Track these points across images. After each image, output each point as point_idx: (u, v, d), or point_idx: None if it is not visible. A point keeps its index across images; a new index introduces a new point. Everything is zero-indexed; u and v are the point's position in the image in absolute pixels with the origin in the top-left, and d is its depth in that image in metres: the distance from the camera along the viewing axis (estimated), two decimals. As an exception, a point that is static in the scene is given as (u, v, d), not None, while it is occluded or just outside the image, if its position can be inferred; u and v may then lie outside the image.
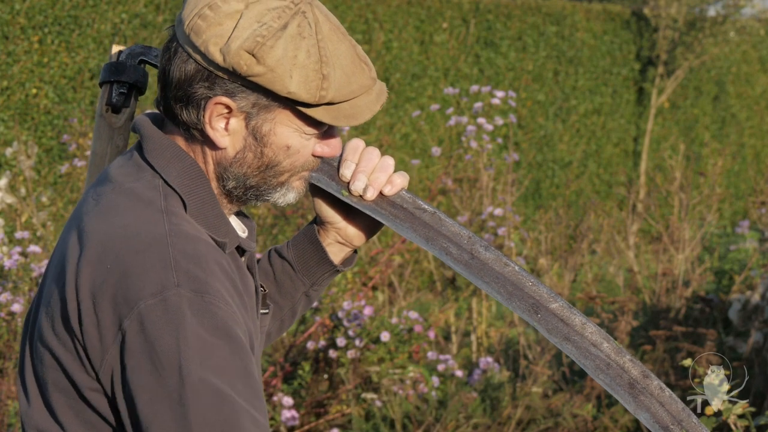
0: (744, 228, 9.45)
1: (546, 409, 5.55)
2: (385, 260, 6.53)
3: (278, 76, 1.67)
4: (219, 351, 1.60)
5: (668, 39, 12.23)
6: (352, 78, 1.72)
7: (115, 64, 2.05)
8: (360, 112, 1.74)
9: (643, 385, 1.88)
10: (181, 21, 1.71)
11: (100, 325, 1.62)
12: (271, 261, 2.05)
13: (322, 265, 2.03)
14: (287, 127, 1.73)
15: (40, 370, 1.71)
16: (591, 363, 1.89)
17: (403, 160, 10.08)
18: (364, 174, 1.93)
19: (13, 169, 7.25)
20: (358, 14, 10.01)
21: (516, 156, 7.29)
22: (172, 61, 1.72)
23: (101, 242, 1.66)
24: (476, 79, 10.78)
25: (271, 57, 1.66)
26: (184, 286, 1.61)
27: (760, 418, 4.78)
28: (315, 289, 2.05)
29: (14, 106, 7.79)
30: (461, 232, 1.95)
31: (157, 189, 1.72)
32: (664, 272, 6.80)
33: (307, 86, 1.68)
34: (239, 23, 1.67)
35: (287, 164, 1.76)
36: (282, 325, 2.06)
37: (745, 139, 13.50)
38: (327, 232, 2.02)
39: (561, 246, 7.57)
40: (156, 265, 1.62)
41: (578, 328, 1.91)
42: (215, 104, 1.70)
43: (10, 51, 7.77)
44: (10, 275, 5.23)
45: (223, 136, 1.73)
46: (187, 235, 1.67)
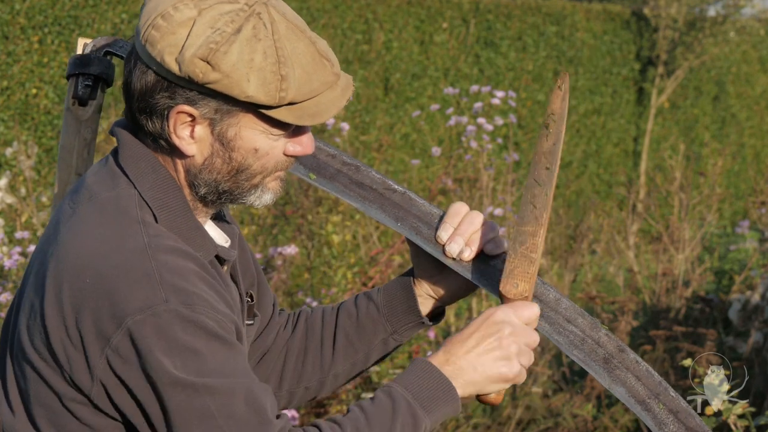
0: (744, 228, 9.45)
1: (546, 409, 5.55)
2: (385, 260, 6.54)
3: (235, 81, 1.65)
4: (216, 360, 1.61)
5: (668, 39, 12.23)
6: (313, 76, 1.69)
7: (80, 57, 2.02)
8: (325, 109, 1.71)
9: (618, 360, 1.85)
10: (138, 32, 1.70)
11: (84, 341, 1.62)
12: (357, 302, 2.03)
13: (408, 314, 2.00)
14: (253, 130, 1.71)
15: (23, 383, 1.70)
16: (565, 339, 1.87)
17: (403, 160, 10.08)
18: (461, 237, 1.90)
19: (13, 169, 7.25)
20: (358, 14, 10.01)
21: (516, 156, 7.29)
22: (132, 73, 1.71)
23: (79, 256, 1.65)
24: (476, 79, 10.78)
25: (226, 62, 1.64)
26: (172, 300, 1.61)
27: (760, 418, 4.78)
28: (395, 337, 2.02)
29: (14, 106, 7.79)
30: (432, 211, 1.94)
31: (132, 198, 1.71)
32: (664, 272, 6.80)
33: (265, 89, 1.66)
34: (192, 31, 1.65)
35: (258, 167, 1.73)
36: (353, 369, 2.04)
37: (745, 139, 13.49)
38: (420, 283, 2.00)
39: (561, 246, 7.57)
40: (140, 279, 1.62)
41: (552, 304, 1.89)
42: (178, 113, 1.69)
43: (10, 51, 7.77)
44: (10, 275, 5.23)
45: (190, 144, 1.71)
46: (166, 247, 1.66)
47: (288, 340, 2.04)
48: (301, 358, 2.03)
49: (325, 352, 2.03)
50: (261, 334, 2.02)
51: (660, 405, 1.83)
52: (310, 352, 2.03)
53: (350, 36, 9.98)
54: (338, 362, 2.03)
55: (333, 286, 5.73)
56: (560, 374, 5.97)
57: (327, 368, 2.03)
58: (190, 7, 1.67)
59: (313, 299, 5.65)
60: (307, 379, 2.04)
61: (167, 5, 1.67)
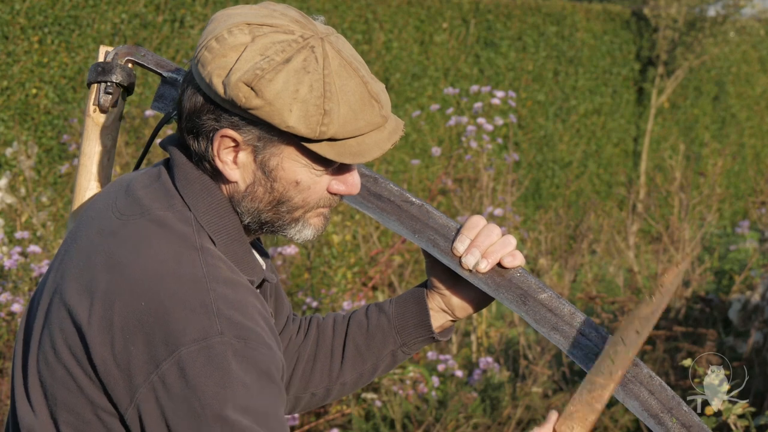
0: (744, 228, 9.45)
1: (546, 409, 5.55)
2: (385, 260, 6.54)
3: (277, 110, 1.64)
4: (263, 398, 1.60)
5: (668, 39, 12.23)
6: (360, 114, 1.67)
7: (102, 65, 2.04)
8: (368, 150, 1.69)
9: (632, 374, 1.87)
10: (195, 52, 1.71)
11: (131, 364, 1.60)
12: (368, 313, 2.03)
13: (419, 328, 2.00)
14: (295, 162, 1.70)
15: (50, 385, 1.68)
16: (580, 353, 1.89)
17: (403, 160, 10.09)
18: (478, 249, 1.90)
19: (13, 169, 7.25)
20: (358, 14, 10.01)
21: (516, 156, 7.29)
22: (185, 93, 1.72)
23: (136, 277, 1.63)
24: (476, 79, 10.78)
25: (270, 90, 1.64)
26: (227, 333, 1.59)
27: (760, 418, 4.78)
28: (404, 350, 2.02)
29: (14, 106, 7.79)
30: (449, 224, 1.95)
31: (190, 223, 1.70)
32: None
33: (307, 121, 1.65)
34: (242, 56, 1.66)
35: (299, 200, 1.72)
36: (360, 379, 2.04)
37: (745, 139, 13.49)
38: (433, 297, 2.00)
39: (561, 246, 7.56)
40: (197, 309, 1.60)
41: (567, 318, 1.90)
42: (222, 137, 1.68)
43: (10, 51, 7.77)
44: (10, 275, 5.22)
45: (233, 170, 1.71)
46: (225, 279, 1.65)
47: (300, 346, 2.04)
48: (310, 364, 2.03)
49: (334, 361, 2.03)
50: None
51: (673, 419, 1.85)
52: (319, 360, 2.03)
53: (350, 36, 9.98)
54: (346, 371, 2.03)
55: (333, 286, 5.73)
56: (560, 374, 5.97)
57: (335, 377, 2.03)
58: (245, 33, 1.67)
59: (313, 299, 5.65)
60: (314, 386, 2.04)
61: (223, 28, 1.68)
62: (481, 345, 6.41)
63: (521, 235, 7.10)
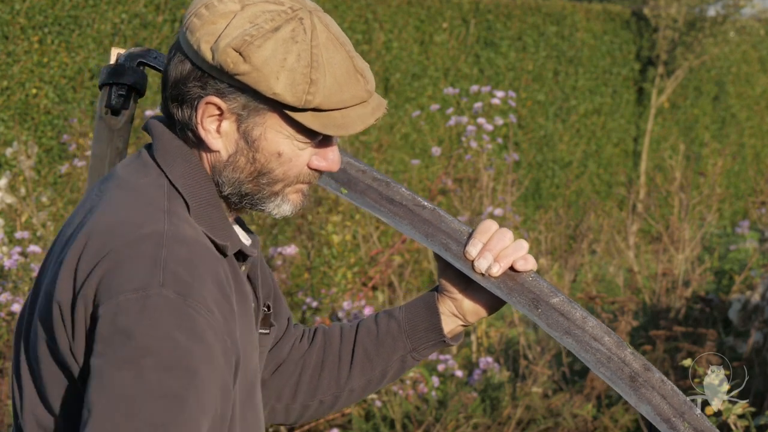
0: (744, 228, 9.45)
1: (546, 409, 5.55)
2: (385, 260, 6.54)
3: (264, 76, 1.66)
4: (191, 358, 1.57)
5: (668, 39, 12.23)
6: (345, 87, 1.69)
7: (114, 67, 2.06)
8: (351, 123, 1.71)
9: (644, 378, 1.88)
10: (183, 20, 1.73)
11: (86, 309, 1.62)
12: (378, 319, 2.03)
13: (430, 332, 2.00)
14: (278, 133, 1.71)
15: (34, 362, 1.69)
16: (592, 357, 1.90)
17: (403, 160, 10.09)
18: (490, 253, 1.91)
19: (13, 169, 7.25)
20: (358, 14, 10.01)
21: (516, 156, 7.29)
22: (171, 61, 1.73)
23: (102, 233, 1.65)
24: (476, 79, 10.78)
25: (258, 56, 1.66)
26: (168, 287, 1.59)
27: (760, 418, 4.79)
28: (413, 355, 2.02)
29: (14, 106, 7.79)
30: (461, 228, 1.96)
31: (162, 188, 1.71)
32: (664, 272, 6.81)
33: (293, 89, 1.66)
34: (231, 22, 1.68)
35: (280, 173, 1.73)
36: (368, 385, 2.04)
37: (745, 139, 13.50)
38: (444, 301, 2.00)
39: (561, 246, 7.56)
40: (146, 262, 1.61)
41: (579, 322, 1.91)
42: (206, 104, 1.70)
43: (10, 51, 7.77)
44: (10, 275, 5.23)
45: (215, 138, 1.72)
46: (184, 238, 1.65)
47: (305, 353, 2.04)
48: (318, 371, 2.03)
49: (342, 367, 2.03)
50: (277, 344, 2.02)
51: (685, 424, 1.87)
52: (327, 367, 2.03)
53: (350, 36, 9.98)
54: (355, 378, 2.03)
55: (333, 286, 5.73)
56: (560, 374, 5.97)
57: (343, 383, 2.03)
58: (235, 1, 1.70)
59: (313, 299, 5.65)
60: (322, 393, 2.04)
61: None
62: (481, 345, 6.41)
63: (521, 235, 7.10)
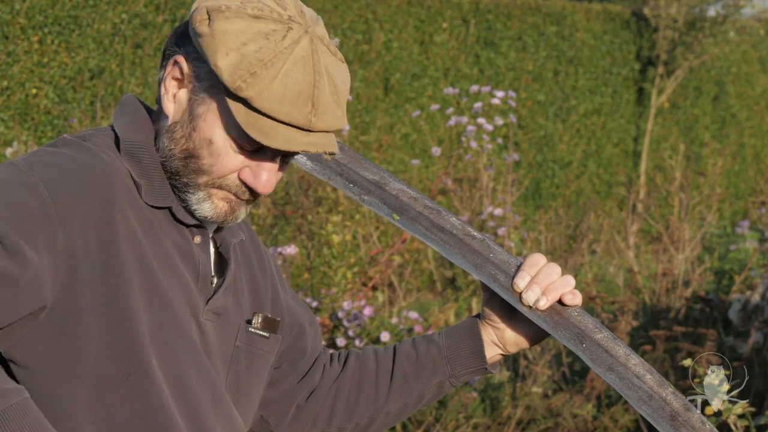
0: (744, 228, 9.45)
1: (546, 409, 5.55)
2: (385, 260, 6.54)
3: (215, 45, 1.65)
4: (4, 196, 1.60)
5: (668, 39, 12.23)
6: (286, 102, 1.65)
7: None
8: (276, 136, 1.66)
9: (684, 418, 1.92)
10: None
11: None
12: (416, 344, 2.04)
13: (471, 359, 2.01)
14: (216, 120, 1.69)
15: None
16: (634, 394, 1.93)
17: (403, 160, 10.09)
18: (538, 286, 1.92)
19: (13, 169, 7.25)
20: (358, 14, 10.01)
21: (516, 156, 7.29)
22: None
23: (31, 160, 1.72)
24: (476, 79, 10.78)
25: (221, 26, 1.66)
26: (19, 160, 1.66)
27: (760, 418, 4.78)
28: (452, 381, 2.02)
29: (14, 106, 7.80)
30: (509, 260, 1.98)
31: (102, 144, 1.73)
32: (664, 272, 6.81)
33: (233, 70, 1.64)
34: None
35: (207, 163, 1.70)
36: (404, 409, 2.04)
37: (745, 139, 13.50)
38: (486, 329, 2.01)
39: (561, 246, 7.57)
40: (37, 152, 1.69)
41: (622, 359, 1.94)
42: (174, 63, 1.71)
43: (10, 51, 7.77)
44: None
45: (170, 101, 1.72)
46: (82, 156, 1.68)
47: (338, 378, 2.05)
48: (354, 395, 2.04)
49: (380, 390, 2.04)
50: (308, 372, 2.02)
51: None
52: (364, 390, 2.04)
53: (350, 36, 9.98)
54: (392, 401, 2.03)
55: (333, 286, 5.73)
56: (560, 374, 5.97)
57: (380, 406, 2.04)
58: None
59: (313, 299, 5.65)
60: (358, 416, 2.04)
61: None
62: (481, 345, 6.41)
63: (521, 235, 7.10)
